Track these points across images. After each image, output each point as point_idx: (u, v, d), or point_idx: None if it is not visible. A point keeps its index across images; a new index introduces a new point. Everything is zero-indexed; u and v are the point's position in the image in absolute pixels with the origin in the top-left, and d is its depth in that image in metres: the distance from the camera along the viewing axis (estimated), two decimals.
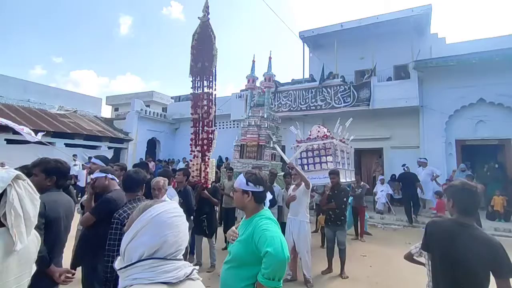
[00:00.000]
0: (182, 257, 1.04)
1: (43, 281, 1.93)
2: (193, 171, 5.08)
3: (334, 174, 4.96)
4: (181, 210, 1.10)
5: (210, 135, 5.22)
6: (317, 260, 5.02)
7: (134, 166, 5.30)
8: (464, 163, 9.33)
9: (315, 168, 6.01)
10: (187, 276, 1.01)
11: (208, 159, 5.16)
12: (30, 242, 1.43)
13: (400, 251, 5.88)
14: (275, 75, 7.74)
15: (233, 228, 2.00)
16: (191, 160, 5.34)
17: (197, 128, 5.28)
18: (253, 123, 6.99)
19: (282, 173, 5.90)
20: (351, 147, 7.35)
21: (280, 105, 11.78)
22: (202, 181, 4.94)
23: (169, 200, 3.12)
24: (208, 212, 4.79)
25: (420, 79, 10.29)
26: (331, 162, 5.80)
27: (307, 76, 13.23)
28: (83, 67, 75.12)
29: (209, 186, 5.08)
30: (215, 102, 5.33)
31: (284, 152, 5.40)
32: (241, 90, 13.65)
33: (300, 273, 4.52)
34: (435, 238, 2.06)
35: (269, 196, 2.03)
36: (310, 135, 6.31)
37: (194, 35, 5.28)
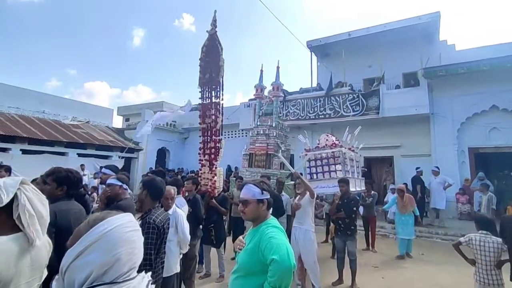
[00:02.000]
0: (136, 273, 0.93)
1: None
2: (201, 179, 5.12)
3: (343, 182, 4.91)
4: (137, 223, 1.00)
5: (217, 144, 5.28)
6: (327, 271, 4.94)
7: (151, 173, 5.38)
8: (478, 171, 9.12)
9: (324, 177, 5.97)
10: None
11: (216, 167, 5.20)
12: (42, 247, 1.46)
13: (413, 263, 5.79)
14: (283, 84, 7.81)
15: (240, 237, 2.00)
16: (200, 169, 5.40)
17: (206, 137, 5.36)
18: (261, 132, 7.03)
19: (291, 182, 5.88)
20: (360, 155, 7.29)
21: (288, 113, 11.81)
22: (210, 190, 4.96)
23: (177, 209, 3.17)
24: (216, 221, 4.78)
25: (430, 86, 10.20)
26: (340, 170, 5.76)
27: (315, 85, 13.27)
28: (96, 79, 77.17)
29: (216, 194, 5.09)
30: (222, 111, 5.41)
31: (293, 161, 5.40)
32: (250, 100, 13.77)
33: (309, 283, 4.45)
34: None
35: None
36: (318, 143, 6.30)
37: (202, 47, 5.46)
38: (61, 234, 2.03)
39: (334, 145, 5.97)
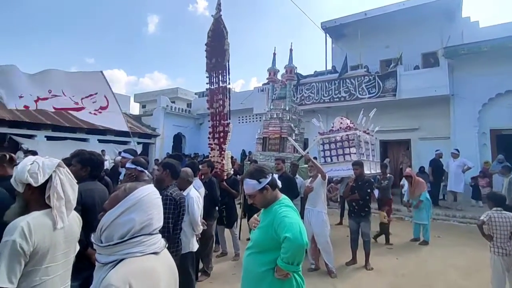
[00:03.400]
0: (159, 232, 1.17)
1: (83, 262, 2.14)
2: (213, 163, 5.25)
3: (357, 165, 4.92)
4: (159, 192, 1.21)
5: (226, 128, 5.35)
6: (341, 252, 5.02)
7: (169, 157, 5.58)
8: (500, 154, 8.84)
9: (338, 160, 5.98)
10: (164, 246, 1.18)
11: (224, 151, 5.31)
12: (73, 222, 1.61)
13: (428, 245, 5.79)
14: (296, 67, 7.72)
15: (255, 215, 2.10)
16: (209, 153, 5.54)
17: (215, 122, 5.45)
18: (275, 116, 7.05)
19: (305, 165, 5.93)
20: (375, 138, 7.21)
21: (303, 98, 11.70)
22: (218, 172, 5.09)
23: (191, 192, 3.33)
24: (227, 203, 4.95)
25: (451, 66, 9.81)
26: (355, 153, 5.74)
27: (329, 67, 13.02)
28: (114, 67, 78.48)
29: (225, 177, 5.22)
30: (229, 96, 5.45)
31: (307, 145, 5.43)
32: (263, 84, 13.71)
33: (323, 263, 4.57)
34: None
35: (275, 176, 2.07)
36: (332, 127, 6.28)
37: (208, 32, 5.44)
38: (87, 211, 2.20)
39: (348, 128, 5.94)
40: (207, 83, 5.55)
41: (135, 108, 23.46)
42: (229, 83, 5.38)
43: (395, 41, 11.02)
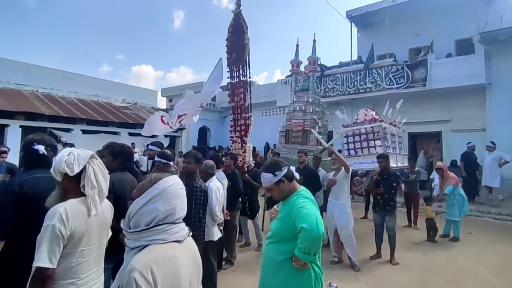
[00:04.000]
0: (182, 221, 1.23)
1: (116, 246, 2.30)
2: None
3: (382, 158, 4.81)
4: (182, 183, 1.26)
5: (247, 121, 5.45)
6: (365, 246, 4.97)
7: (194, 149, 5.78)
8: None
9: (362, 152, 5.86)
10: (188, 234, 1.23)
11: (245, 144, 5.41)
12: (105, 210, 1.74)
13: (459, 241, 5.56)
14: (319, 58, 7.59)
15: (275, 207, 2.15)
16: (231, 146, 5.66)
17: (236, 115, 5.57)
18: (298, 108, 7.01)
19: (329, 158, 5.88)
20: (403, 130, 6.95)
21: (327, 89, 11.48)
22: (240, 165, 5.20)
23: (211, 183, 3.45)
24: (249, 194, 5.05)
25: (488, 53, 9.17)
26: (380, 146, 5.60)
27: (355, 58, 12.63)
28: (142, 62, 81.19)
29: (246, 169, 5.32)
30: (249, 89, 5.54)
31: (331, 138, 5.38)
32: (287, 76, 13.59)
33: (346, 256, 4.55)
34: None
35: (293, 168, 2.09)
36: (357, 119, 6.14)
37: (228, 28, 5.54)
38: (118, 200, 2.33)
39: (373, 120, 5.78)
40: (228, 77, 5.66)
41: (162, 102, 24.13)
42: (249, 77, 5.46)
43: (425, 28, 10.43)
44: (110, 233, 1.82)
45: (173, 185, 1.19)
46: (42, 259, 1.38)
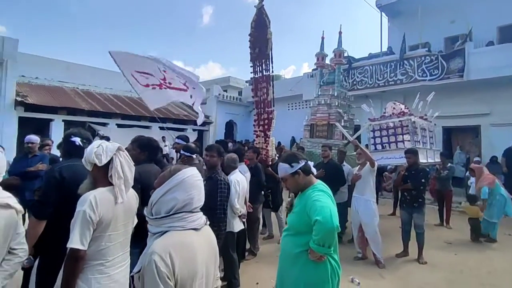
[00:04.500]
0: (200, 211, 1.30)
1: (143, 232, 2.45)
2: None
3: (410, 153, 4.64)
4: (200, 175, 1.33)
5: (270, 115, 5.50)
6: (392, 243, 4.85)
7: (217, 142, 5.95)
8: None
9: (390, 147, 5.68)
10: (205, 223, 1.30)
11: (268, 138, 5.48)
12: (131, 198, 1.86)
13: (496, 243, 5.22)
14: (346, 51, 7.39)
15: (288, 199, 2.21)
16: (255, 140, 5.74)
17: (259, 110, 5.63)
18: (322, 102, 6.90)
19: (354, 153, 5.76)
20: (435, 124, 6.61)
21: (355, 82, 11.14)
22: (263, 158, 5.26)
23: (233, 176, 3.53)
24: (272, 187, 5.10)
25: None
26: (409, 141, 5.39)
27: (385, 49, 12.12)
28: (174, 59, 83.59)
29: (270, 163, 5.39)
30: (272, 84, 5.56)
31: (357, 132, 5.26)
32: (313, 70, 13.38)
33: (371, 253, 4.48)
34: None
35: (311, 163, 2.10)
36: (384, 112, 5.94)
37: (251, 23, 5.61)
38: (145, 190, 2.48)
39: (402, 113, 5.56)
40: (251, 72, 5.74)
41: None
42: (272, 72, 5.49)
43: (462, 14, 9.72)
44: (136, 220, 1.95)
45: (190, 176, 1.25)
46: (75, 241, 1.53)
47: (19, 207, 1.63)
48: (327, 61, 8.04)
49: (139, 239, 2.06)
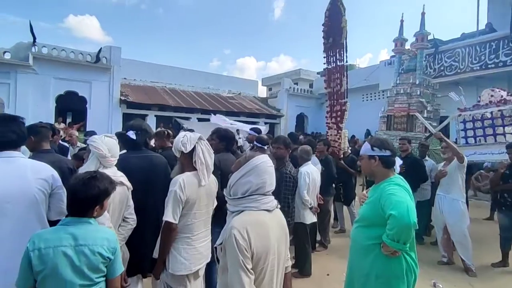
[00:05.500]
0: (271, 194, 1.41)
1: (221, 213, 2.73)
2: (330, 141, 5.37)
3: None
4: (271, 162, 1.44)
5: (343, 107, 5.34)
6: (488, 250, 4.32)
7: (288, 135, 6.10)
8: None
9: (486, 141, 4.93)
10: (276, 206, 1.42)
11: (341, 130, 5.33)
12: (211, 183, 2.13)
13: None
14: (429, 33, 6.57)
15: (364, 192, 2.16)
16: (327, 132, 5.65)
17: (332, 101, 5.51)
18: (401, 91, 6.33)
19: (438, 147, 5.19)
20: None
21: (442, 68, 9.85)
22: (336, 151, 5.14)
23: (302, 168, 3.59)
24: (344, 181, 5.00)
25: None
26: (511, 133, 4.60)
27: (482, 27, 10.35)
28: (246, 54, 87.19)
29: (342, 156, 5.25)
30: (346, 74, 5.36)
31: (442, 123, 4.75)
32: (391, 57, 12.31)
33: (458, 258, 4.03)
34: None
35: (398, 161, 2.02)
36: (479, 101, 5.15)
37: (325, 12, 5.47)
38: (223, 175, 2.76)
39: (503, 101, 4.76)
40: (324, 63, 5.65)
41: (262, 92, 25.45)
42: (346, 61, 5.33)
43: None
44: (216, 203, 2.22)
45: (263, 162, 1.38)
46: (169, 216, 1.86)
47: (129, 184, 2.04)
48: (407, 47, 7.31)
49: (219, 220, 2.33)
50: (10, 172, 1.57)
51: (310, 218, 3.68)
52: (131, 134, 2.35)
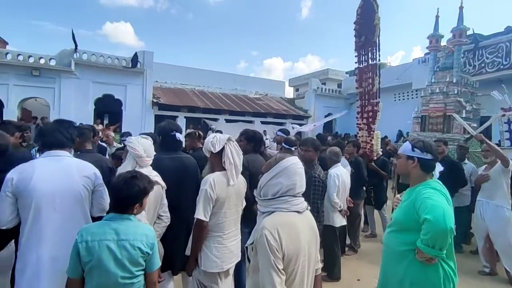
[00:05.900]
0: (302, 196, 1.40)
1: (250, 214, 2.76)
2: (360, 143, 5.22)
3: None
4: (301, 164, 1.43)
5: (375, 108, 5.18)
6: None
7: (316, 137, 6.04)
8: None
9: None
10: (306, 208, 1.40)
11: (373, 131, 5.15)
12: (240, 183, 2.16)
13: None
14: (468, 28, 6.14)
15: (398, 195, 2.08)
16: (357, 133, 5.49)
17: (363, 101, 5.36)
18: (437, 91, 5.99)
19: (479, 149, 4.87)
20: None
21: (483, 65, 9.20)
22: (367, 153, 4.98)
23: (332, 170, 3.52)
24: (376, 184, 4.82)
25: None
26: None
27: None
28: (272, 55, 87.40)
29: (374, 158, 5.07)
30: (379, 73, 5.19)
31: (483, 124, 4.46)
32: (425, 54, 11.72)
33: (502, 269, 3.76)
34: None
35: (439, 167, 1.92)
36: None
37: (357, 10, 5.35)
38: (252, 176, 2.78)
39: None
40: (355, 62, 5.52)
41: (289, 92, 25.31)
42: (379, 60, 5.16)
43: None
44: (244, 203, 2.25)
45: (293, 164, 1.37)
46: (200, 213, 1.93)
47: (163, 183, 2.13)
48: (443, 43, 6.89)
49: (248, 221, 2.37)
50: (58, 170, 1.74)
51: (340, 221, 3.61)
52: (179, 137, 2.45)
